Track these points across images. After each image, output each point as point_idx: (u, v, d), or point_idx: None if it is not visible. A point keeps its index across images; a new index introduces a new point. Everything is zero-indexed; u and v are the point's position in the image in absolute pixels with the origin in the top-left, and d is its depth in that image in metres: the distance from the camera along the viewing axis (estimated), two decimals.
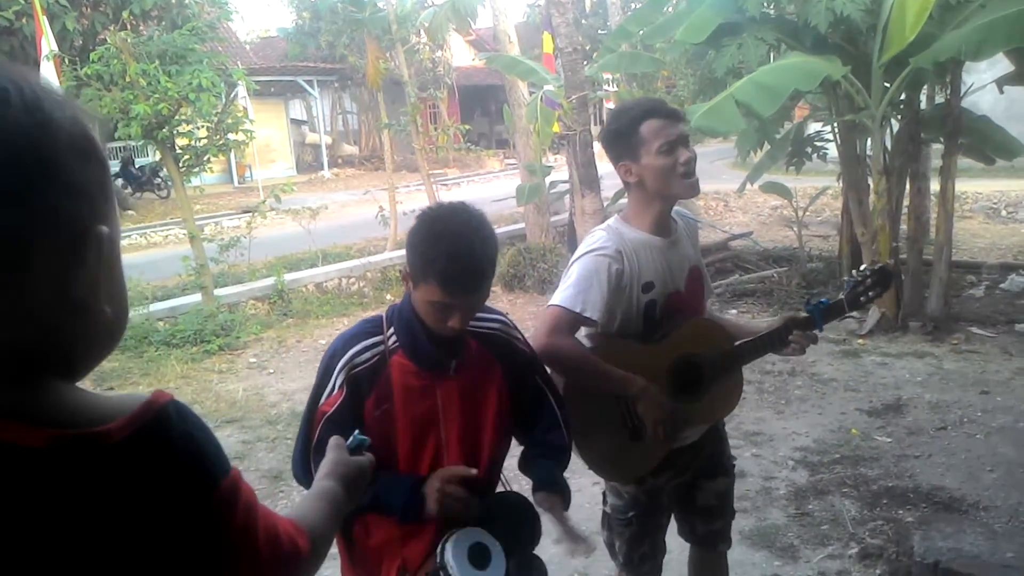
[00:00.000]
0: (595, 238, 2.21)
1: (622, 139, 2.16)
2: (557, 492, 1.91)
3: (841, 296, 2.41)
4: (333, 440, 1.31)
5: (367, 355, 1.78)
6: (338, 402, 1.75)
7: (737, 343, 2.29)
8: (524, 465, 2.00)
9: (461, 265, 1.66)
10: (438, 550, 1.73)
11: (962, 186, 11.26)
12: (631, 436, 2.21)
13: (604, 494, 2.43)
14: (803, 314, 2.35)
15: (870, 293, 2.40)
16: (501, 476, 2.01)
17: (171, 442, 0.78)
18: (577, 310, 2.11)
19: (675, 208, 2.32)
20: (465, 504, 1.74)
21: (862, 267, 2.48)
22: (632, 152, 2.14)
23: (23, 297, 0.71)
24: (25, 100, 0.71)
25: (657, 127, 2.11)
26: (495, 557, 1.73)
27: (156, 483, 0.75)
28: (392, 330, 1.82)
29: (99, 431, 0.73)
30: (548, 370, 2.06)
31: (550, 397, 2.01)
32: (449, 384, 1.82)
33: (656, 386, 2.15)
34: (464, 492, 1.74)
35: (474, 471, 1.77)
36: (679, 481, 2.38)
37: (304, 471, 1.81)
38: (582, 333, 2.24)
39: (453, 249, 1.66)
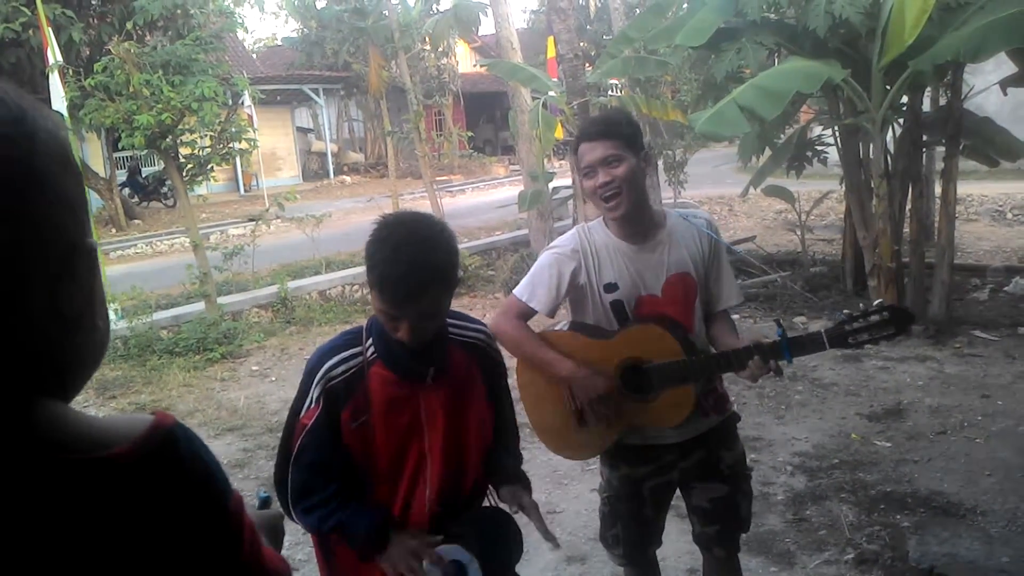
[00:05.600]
0: (563, 236, 2.38)
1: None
2: (519, 483, 1.94)
3: (821, 329, 2.17)
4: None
5: (343, 367, 1.78)
6: (315, 415, 1.76)
7: (685, 359, 2.20)
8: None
9: (399, 273, 1.63)
10: None
11: (968, 189, 11.25)
12: (577, 420, 2.30)
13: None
14: (771, 339, 2.17)
15: (868, 334, 2.12)
16: (488, 490, 2.00)
17: (182, 465, 0.75)
18: (524, 299, 2.30)
19: (688, 211, 2.40)
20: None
21: (876, 302, 2.24)
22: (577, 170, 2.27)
23: (18, 315, 0.69)
24: (12, 112, 0.69)
25: (584, 150, 2.20)
26: (472, 574, 1.73)
27: (169, 507, 0.73)
28: (370, 340, 1.81)
29: (109, 455, 0.71)
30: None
31: (508, 403, 2.03)
32: (432, 393, 1.81)
33: (586, 370, 2.20)
34: (421, 570, 1.73)
35: (440, 538, 1.78)
36: (664, 479, 2.41)
37: (282, 483, 1.82)
38: (562, 320, 2.41)
39: (392, 256, 1.64)
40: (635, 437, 2.34)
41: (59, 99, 7.87)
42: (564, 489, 4.23)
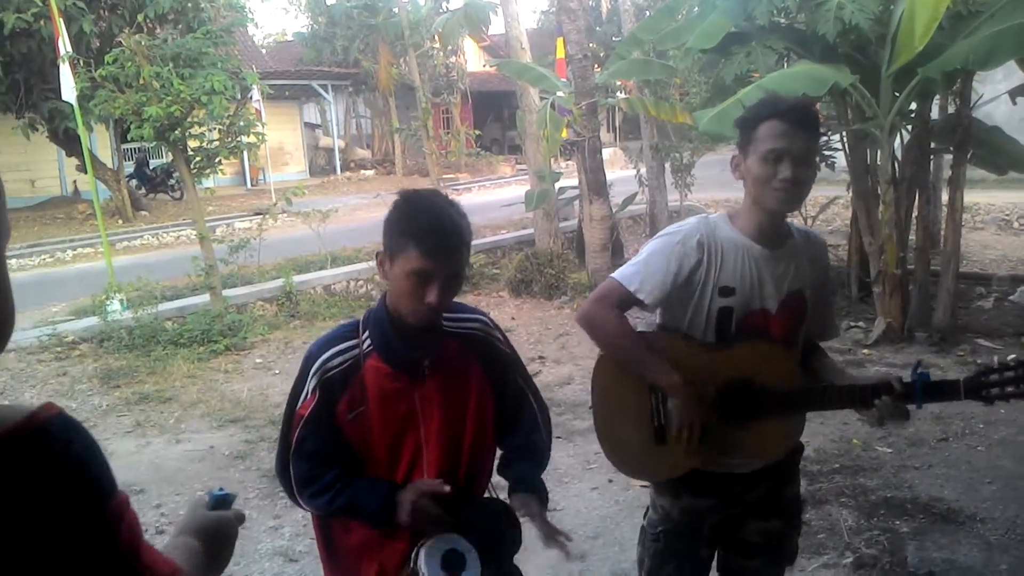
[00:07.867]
0: (683, 223, 2.10)
1: (741, 131, 2.03)
2: (532, 492, 1.90)
3: (959, 377, 2.02)
4: (195, 498, 1.26)
5: (340, 359, 1.80)
6: (312, 406, 1.78)
7: (807, 386, 2.07)
8: (503, 466, 2.01)
9: (439, 227, 1.71)
10: (412, 555, 1.75)
11: (975, 197, 11.21)
12: (655, 437, 2.08)
13: (647, 508, 2.31)
14: (904, 379, 1.99)
15: (1007, 388, 1.94)
16: (489, 482, 2.01)
17: (52, 456, 0.76)
18: (631, 289, 2.01)
19: (806, 228, 2.17)
20: (435, 519, 1.75)
21: (1010, 358, 2.07)
22: (744, 147, 2.01)
23: None
24: None
25: (776, 132, 1.93)
26: (470, 564, 1.74)
27: (35, 497, 0.74)
28: (367, 333, 1.83)
29: None
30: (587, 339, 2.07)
31: (530, 398, 2.01)
32: (427, 385, 1.83)
33: (696, 388, 1.98)
34: (437, 507, 1.75)
35: (447, 488, 1.75)
36: (727, 514, 2.16)
37: (284, 473, 1.85)
38: (644, 323, 2.17)
39: (430, 215, 1.73)
40: (710, 464, 2.08)
41: (69, 89, 7.92)
42: (565, 487, 4.24)
